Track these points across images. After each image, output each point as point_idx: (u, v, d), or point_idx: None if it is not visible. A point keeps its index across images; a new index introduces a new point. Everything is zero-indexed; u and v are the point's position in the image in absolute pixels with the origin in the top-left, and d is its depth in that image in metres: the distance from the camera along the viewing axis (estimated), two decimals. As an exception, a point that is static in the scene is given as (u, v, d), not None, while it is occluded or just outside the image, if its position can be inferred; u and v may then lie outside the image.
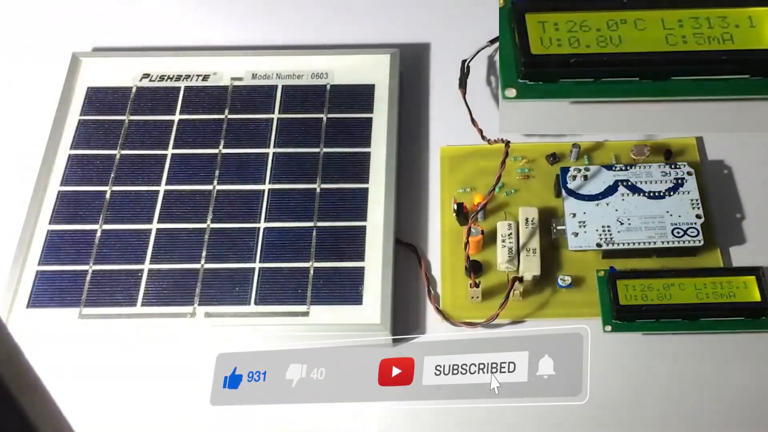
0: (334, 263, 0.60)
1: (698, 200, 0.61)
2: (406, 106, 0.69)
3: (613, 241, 0.59)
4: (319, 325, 0.57)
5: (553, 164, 0.65)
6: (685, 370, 0.57)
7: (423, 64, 0.72)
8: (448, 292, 0.60)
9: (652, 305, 0.56)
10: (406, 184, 0.65)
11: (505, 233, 0.60)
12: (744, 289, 0.57)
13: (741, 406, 0.55)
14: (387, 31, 0.74)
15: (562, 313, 0.58)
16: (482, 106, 0.66)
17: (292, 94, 0.68)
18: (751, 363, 0.57)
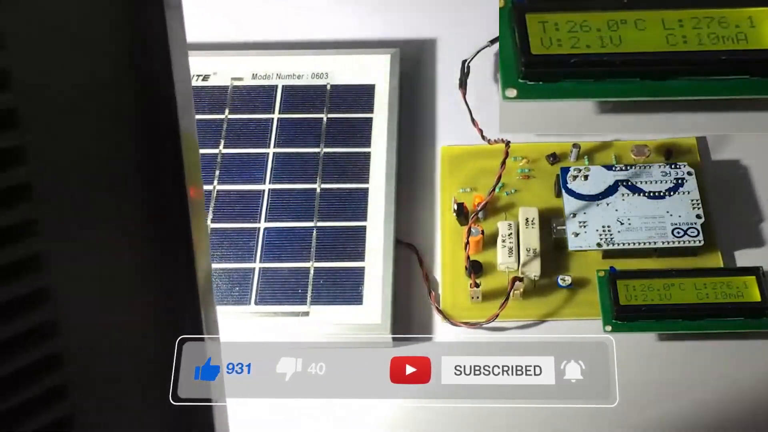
0: (334, 263, 0.60)
1: (698, 200, 0.61)
2: (406, 106, 0.69)
3: (614, 241, 0.59)
4: (319, 326, 0.57)
5: (554, 164, 0.65)
6: (685, 370, 0.57)
7: (423, 64, 0.72)
8: (449, 292, 0.60)
9: (652, 305, 0.56)
10: (406, 184, 0.65)
11: (506, 233, 0.60)
12: (744, 289, 0.57)
13: (741, 406, 0.55)
14: (387, 31, 0.74)
15: (562, 313, 0.58)
16: (482, 106, 0.66)
17: (292, 94, 0.68)
18: (751, 363, 0.57)
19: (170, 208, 0.38)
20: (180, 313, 0.41)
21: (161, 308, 0.40)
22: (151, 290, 0.39)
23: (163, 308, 0.40)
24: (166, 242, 0.38)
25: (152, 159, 0.37)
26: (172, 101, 0.36)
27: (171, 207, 0.38)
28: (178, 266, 0.39)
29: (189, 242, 0.39)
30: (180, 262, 0.39)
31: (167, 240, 0.39)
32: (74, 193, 0.35)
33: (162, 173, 0.38)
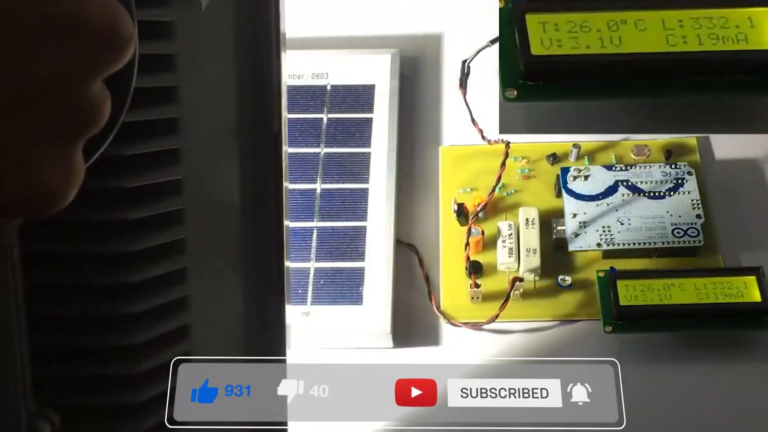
0: (334, 264, 0.60)
1: (698, 200, 0.61)
2: (406, 106, 0.69)
3: (614, 242, 0.59)
4: (319, 326, 0.57)
5: (554, 164, 0.65)
6: (685, 370, 0.57)
7: (423, 64, 0.72)
8: (449, 292, 0.60)
9: (652, 305, 0.56)
10: (406, 184, 0.65)
11: (506, 233, 0.60)
12: (744, 289, 0.57)
13: (741, 406, 0.55)
14: (387, 31, 0.74)
15: (562, 314, 0.58)
16: (482, 106, 0.66)
17: (292, 94, 0.68)
18: (751, 363, 0.57)
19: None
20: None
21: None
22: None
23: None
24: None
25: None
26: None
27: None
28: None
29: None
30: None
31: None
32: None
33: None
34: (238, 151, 0.43)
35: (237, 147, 0.43)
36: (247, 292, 0.45)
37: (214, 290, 0.44)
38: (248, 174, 0.44)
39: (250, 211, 0.44)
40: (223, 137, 0.43)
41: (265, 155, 0.43)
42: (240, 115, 0.43)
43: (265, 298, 0.45)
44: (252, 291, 0.45)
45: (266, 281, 0.45)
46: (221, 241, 0.44)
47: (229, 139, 0.43)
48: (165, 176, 0.41)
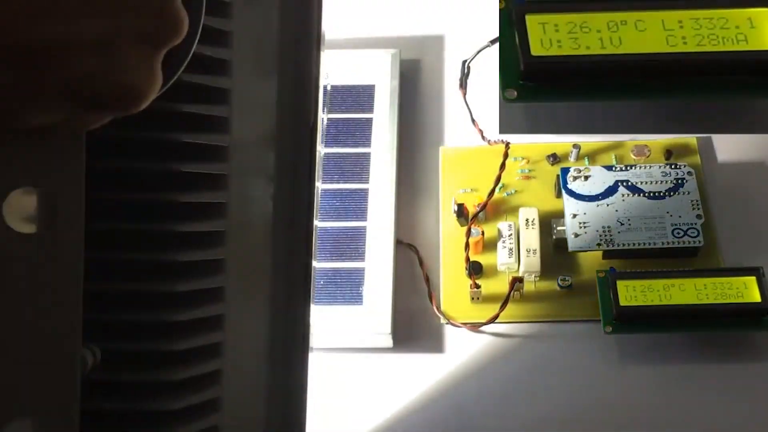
0: (334, 264, 0.60)
1: (698, 201, 0.61)
2: (406, 106, 0.69)
3: (614, 242, 0.59)
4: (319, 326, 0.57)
5: (554, 165, 0.65)
6: (685, 370, 0.57)
7: (423, 64, 0.72)
8: (449, 292, 0.60)
9: (652, 306, 0.56)
10: (406, 185, 0.65)
11: (506, 234, 0.60)
12: (744, 289, 0.57)
13: (741, 406, 0.55)
14: (387, 31, 0.74)
15: (562, 314, 0.58)
16: (482, 106, 0.66)
17: (293, 95, 0.68)
18: (751, 363, 0.57)
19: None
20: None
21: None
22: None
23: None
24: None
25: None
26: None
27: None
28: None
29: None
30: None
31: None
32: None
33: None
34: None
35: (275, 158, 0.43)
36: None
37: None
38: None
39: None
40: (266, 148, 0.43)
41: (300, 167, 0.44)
42: (281, 122, 0.43)
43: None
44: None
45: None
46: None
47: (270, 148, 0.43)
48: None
